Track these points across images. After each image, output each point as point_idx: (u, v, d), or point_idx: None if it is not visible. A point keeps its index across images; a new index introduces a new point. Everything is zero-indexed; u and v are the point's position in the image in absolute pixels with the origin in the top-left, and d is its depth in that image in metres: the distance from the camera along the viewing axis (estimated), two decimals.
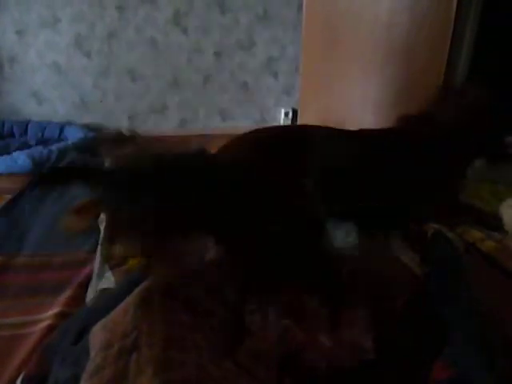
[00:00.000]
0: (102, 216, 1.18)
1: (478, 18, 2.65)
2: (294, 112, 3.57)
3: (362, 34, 2.79)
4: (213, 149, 1.20)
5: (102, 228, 1.35)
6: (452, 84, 2.69)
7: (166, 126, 3.52)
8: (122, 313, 0.73)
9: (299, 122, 3.31)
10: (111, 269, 1.03)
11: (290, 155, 1.12)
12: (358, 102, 2.96)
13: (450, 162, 1.14)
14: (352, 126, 1.37)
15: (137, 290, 0.78)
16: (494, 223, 1.15)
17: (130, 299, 0.75)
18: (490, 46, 3.11)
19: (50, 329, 1.04)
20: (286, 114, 3.62)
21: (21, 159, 2.42)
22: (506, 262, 0.99)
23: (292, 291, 0.84)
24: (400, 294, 0.87)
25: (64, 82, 3.31)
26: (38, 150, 2.55)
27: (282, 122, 3.63)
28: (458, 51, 2.72)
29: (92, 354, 0.69)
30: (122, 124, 3.46)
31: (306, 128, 1.33)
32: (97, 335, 0.71)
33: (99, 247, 1.26)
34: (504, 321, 0.83)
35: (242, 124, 3.51)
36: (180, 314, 0.75)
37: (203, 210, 0.79)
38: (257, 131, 1.23)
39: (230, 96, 3.53)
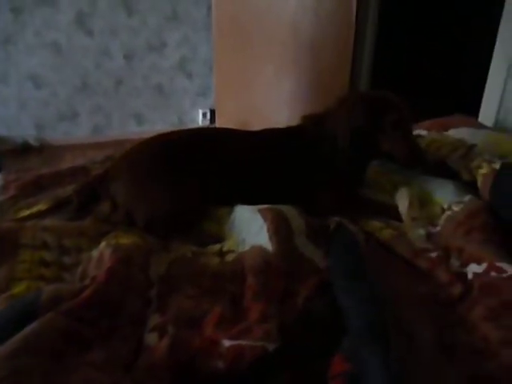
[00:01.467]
0: None
1: (376, 19, 2.82)
2: (212, 112, 3.56)
3: (271, 34, 2.84)
4: None
5: None
6: (356, 84, 2.86)
7: (77, 133, 3.35)
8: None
9: (217, 122, 3.31)
10: None
11: (186, 157, 1.18)
12: (274, 99, 3.02)
13: (339, 161, 1.22)
14: (269, 122, 1.40)
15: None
16: (393, 213, 1.22)
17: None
18: (391, 43, 3.32)
19: None
20: (204, 115, 3.60)
21: None
22: (402, 248, 1.05)
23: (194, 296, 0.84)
24: (302, 289, 0.89)
25: None
26: None
27: (200, 123, 3.60)
28: (361, 49, 2.88)
29: None
30: (29, 133, 3.23)
31: (205, 131, 1.40)
32: None
33: None
34: (402, 306, 0.88)
35: (159, 127, 3.44)
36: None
37: None
38: (155, 138, 1.25)
39: (144, 99, 3.44)
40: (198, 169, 1.17)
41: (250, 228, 1.05)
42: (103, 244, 0.96)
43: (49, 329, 0.73)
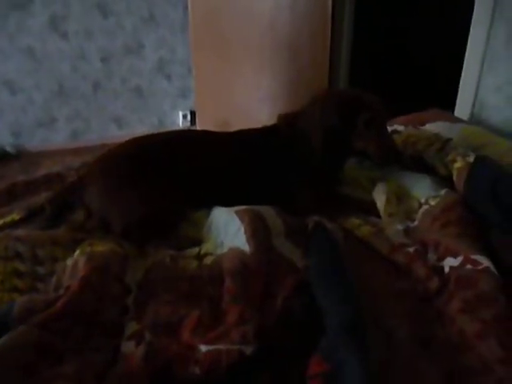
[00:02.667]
0: None
1: (352, 15, 2.84)
2: (193, 114, 3.53)
3: (248, 34, 2.84)
4: None
5: None
6: (335, 81, 2.87)
7: (55, 139, 3.29)
8: None
9: (198, 123, 3.29)
10: None
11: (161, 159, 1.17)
12: (254, 98, 3.01)
13: (315, 160, 1.22)
14: (251, 122, 1.39)
15: None
16: (371, 209, 1.23)
17: None
18: (368, 40, 3.35)
19: None
20: (185, 117, 3.58)
21: None
22: (380, 244, 1.05)
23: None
24: (281, 289, 0.88)
25: None
26: None
27: (180, 125, 3.58)
28: (338, 46, 2.89)
29: None
30: (5, 140, 3.17)
31: (179, 133, 1.38)
32: None
33: None
34: (380, 303, 0.88)
35: (140, 130, 3.40)
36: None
37: None
38: (128, 142, 1.24)
39: (123, 102, 3.40)
40: (174, 172, 1.16)
41: (227, 230, 1.04)
42: (77, 252, 0.95)
43: (21, 342, 0.72)
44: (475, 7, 1.87)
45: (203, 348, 0.72)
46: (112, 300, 0.84)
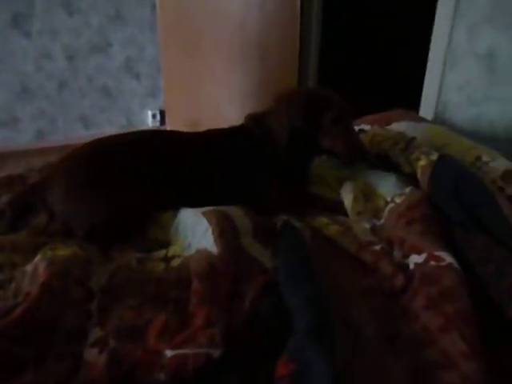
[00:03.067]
0: None
1: (321, 13, 2.86)
2: (162, 113, 3.49)
3: (217, 32, 2.82)
4: None
5: None
6: (305, 79, 2.89)
7: (19, 139, 3.19)
8: None
9: (168, 122, 3.25)
10: None
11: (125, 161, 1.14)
12: (225, 97, 3.00)
13: (282, 160, 1.23)
14: (221, 121, 1.38)
15: None
16: (339, 208, 1.24)
17: None
18: (337, 38, 3.38)
19: None
20: (154, 116, 3.53)
21: None
22: (348, 243, 1.06)
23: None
24: (249, 290, 0.88)
25: None
26: None
27: (150, 125, 3.53)
28: (308, 45, 2.91)
29: None
30: None
31: (145, 133, 1.33)
32: None
33: None
34: (348, 302, 0.89)
35: (108, 130, 3.34)
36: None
37: None
38: (92, 142, 1.21)
39: (90, 101, 3.32)
40: (139, 173, 1.13)
41: (194, 231, 1.03)
42: (38, 257, 0.91)
43: None
44: (438, 7, 1.91)
45: (169, 353, 0.70)
46: (74, 306, 0.82)
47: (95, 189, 1.07)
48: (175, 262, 0.98)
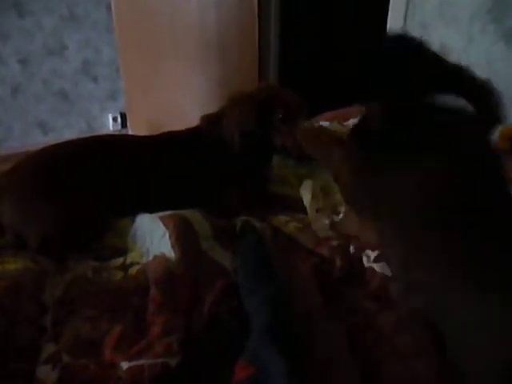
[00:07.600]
0: None
1: (279, 9, 2.87)
2: (123, 116, 3.41)
3: (176, 33, 2.78)
4: None
5: None
6: (265, 77, 2.89)
7: None
8: None
9: (130, 125, 3.19)
10: None
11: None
12: (185, 98, 2.96)
13: (238, 161, 1.23)
14: (184, 122, 1.35)
15: None
16: (299, 206, 1.24)
17: None
18: (296, 34, 3.39)
19: None
20: (115, 119, 3.45)
21: None
22: (306, 240, 1.07)
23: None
24: (209, 295, 0.87)
25: None
26: None
27: (111, 128, 3.45)
28: (267, 42, 2.91)
29: None
30: None
31: (99, 138, 1.30)
32: None
33: None
34: (306, 300, 0.89)
35: (67, 135, 3.23)
36: None
37: None
38: (43, 150, 1.17)
39: (47, 106, 3.22)
40: (94, 179, 1.11)
41: (152, 237, 1.01)
42: None
43: None
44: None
45: (125, 365, 0.69)
46: (27, 322, 0.79)
47: (47, 198, 1.04)
48: (134, 270, 0.97)
